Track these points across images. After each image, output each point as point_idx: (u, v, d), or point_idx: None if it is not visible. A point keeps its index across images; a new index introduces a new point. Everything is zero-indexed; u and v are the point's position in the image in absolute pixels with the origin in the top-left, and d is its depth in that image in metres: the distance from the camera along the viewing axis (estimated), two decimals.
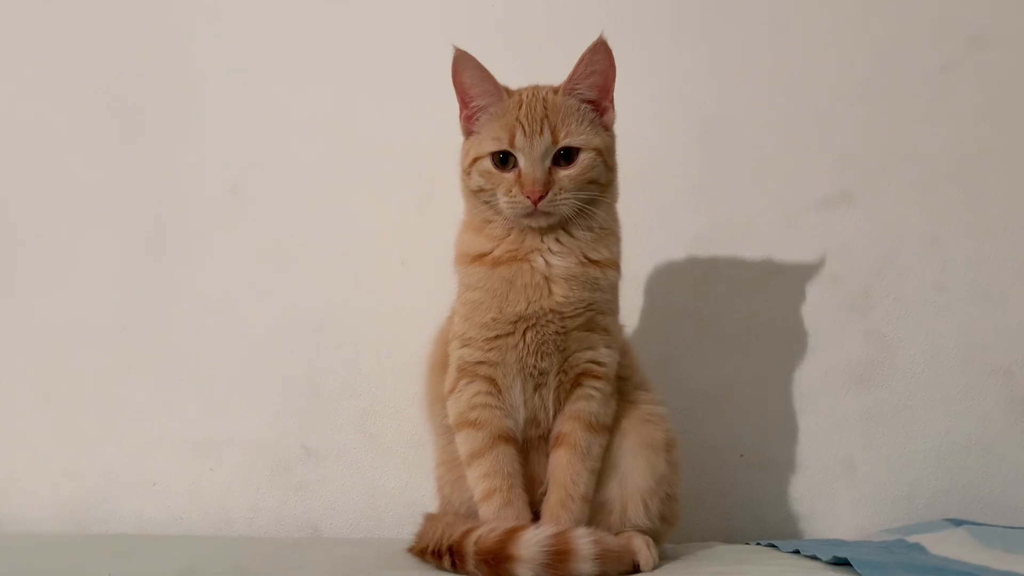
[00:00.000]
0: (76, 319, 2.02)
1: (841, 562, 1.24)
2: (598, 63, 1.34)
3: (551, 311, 1.31)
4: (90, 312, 2.02)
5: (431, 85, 1.93)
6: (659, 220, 1.93)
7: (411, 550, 1.39)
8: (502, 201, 1.31)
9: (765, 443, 1.87)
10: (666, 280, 1.92)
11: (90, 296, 2.02)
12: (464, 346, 1.36)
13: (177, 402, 1.98)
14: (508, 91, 1.37)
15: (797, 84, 1.93)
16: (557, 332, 1.33)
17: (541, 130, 1.30)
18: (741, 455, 1.87)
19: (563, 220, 1.33)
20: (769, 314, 1.90)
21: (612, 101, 1.38)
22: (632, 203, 1.84)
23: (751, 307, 1.90)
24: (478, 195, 1.36)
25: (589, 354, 1.36)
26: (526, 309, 1.31)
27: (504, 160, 1.32)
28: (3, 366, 2.02)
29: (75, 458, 1.99)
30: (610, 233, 1.38)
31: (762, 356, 1.89)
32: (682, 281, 1.92)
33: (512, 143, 1.31)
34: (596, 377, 1.36)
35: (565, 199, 1.30)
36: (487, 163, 1.33)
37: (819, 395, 1.87)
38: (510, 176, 1.31)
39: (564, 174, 1.31)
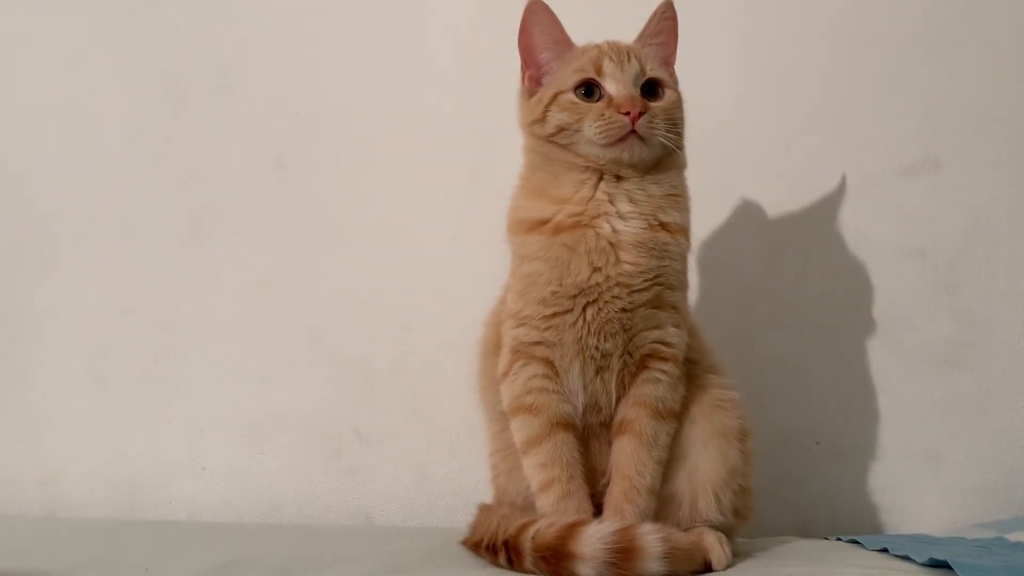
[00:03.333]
0: (124, 298, 1.96)
1: (938, 564, 1.12)
2: (667, 23, 1.28)
3: (617, 284, 1.21)
4: (138, 291, 1.96)
5: (481, 50, 1.86)
6: (727, 188, 1.81)
7: (465, 542, 1.31)
8: (592, 130, 1.20)
9: (843, 429, 1.74)
10: (735, 254, 1.80)
11: (138, 275, 1.97)
12: (519, 325, 1.26)
13: (226, 383, 1.92)
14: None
15: (879, 36, 1.78)
16: (623, 309, 1.22)
17: (629, 59, 1.23)
18: (817, 442, 1.75)
19: (648, 160, 1.23)
20: (847, 290, 1.76)
21: (674, 70, 1.31)
22: (698, 170, 1.73)
23: (827, 283, 1.77)
24: (556, 137, 1.24)
25: (656, 334, 1.25)
26: (589, 279, 1.20)
27: (588, 92, 1.23)
28: (53, 348, 1.98)
29: (125, 441, 1.94)
30: (680, 196, 1.28)
31: (839, 335, 1.76)
32: (752, 255, 1.80)
33: (600, 70, 1.22)
34: (663, 359, 1.25)
35: (658, 128, 1.21)
36: (570, 95, 1.23)
37: (902, 378, 1.73)
38: (599, 104, 1.22)
39: (655, 104, 1.23)
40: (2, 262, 2.01)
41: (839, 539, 1.45)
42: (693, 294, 1.75)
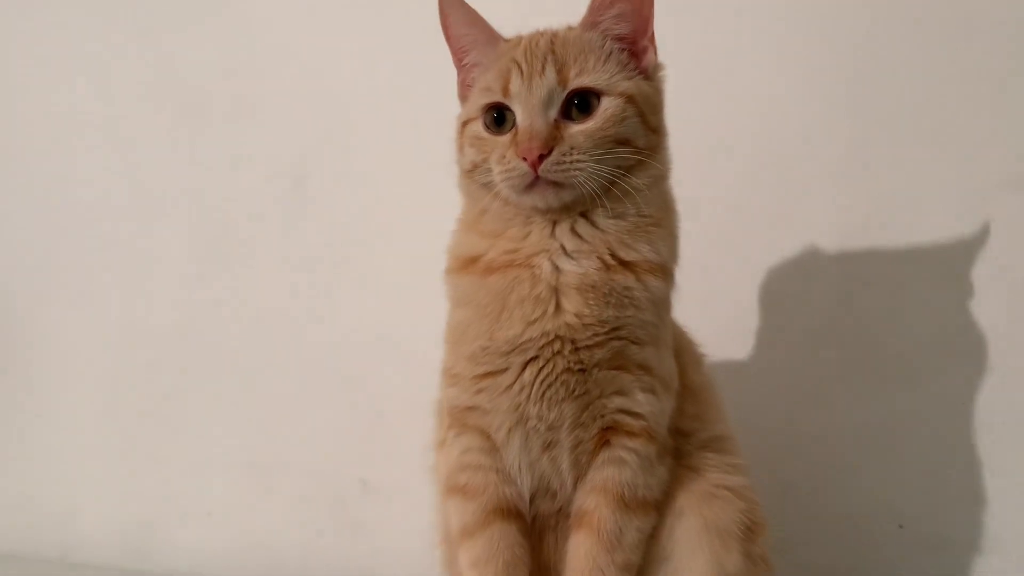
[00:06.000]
0: (142, 331, 1.89)
1: None
2: None
3: (559, 337, 0.93)
4: (155, 323, 1.88)
5: None
6: (791, 211, 1.47)
7: None
8: (497, 174, 0.95)
9: (935, 511, 1.37)
10: (799, 290, 1.46)
11: (157, 306, 1.88)
12: (452, 384, 1.02)
13: (235, 423, 1.80)
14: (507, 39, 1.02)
15: (982, 22, 1.38)
16: (568, 369, 0.94)
17: (543, 69, 0.93)
18: (900, 526, 1.38)
19: (583, 199, 0.94)
20: (947, 334, 1.38)
21: (652, 39, 0.99)
22: (758, 184, 1.49)
23: (918, 324, 1.40)
24: (472, 176, 1.00)
25: (618, 401, 0.96)
26: (521, 333, 0.94)
27: (499, 119, 0.96)
28: (71, 382, 1.93)
29: (136, 482, 1.86)
30: (655, 224, 0.97)
31: (936, 392, 1.38)
32: (823, 291, 1.45)
33: (506, 90, 0.95)
34: (630, 434, 0.96)
35: (580, 163, 0.91)
36: (478, 126, 0.98)
37: (1016, 446, 1.33)
38: (505, 138, 0.95)
39: (578, 129, 0.93)
40: (24, 297, 1.97)
41: None
42: (747, 332, 1.47)
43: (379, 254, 1.73)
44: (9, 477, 1.94)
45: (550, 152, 0.90)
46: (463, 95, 1.04)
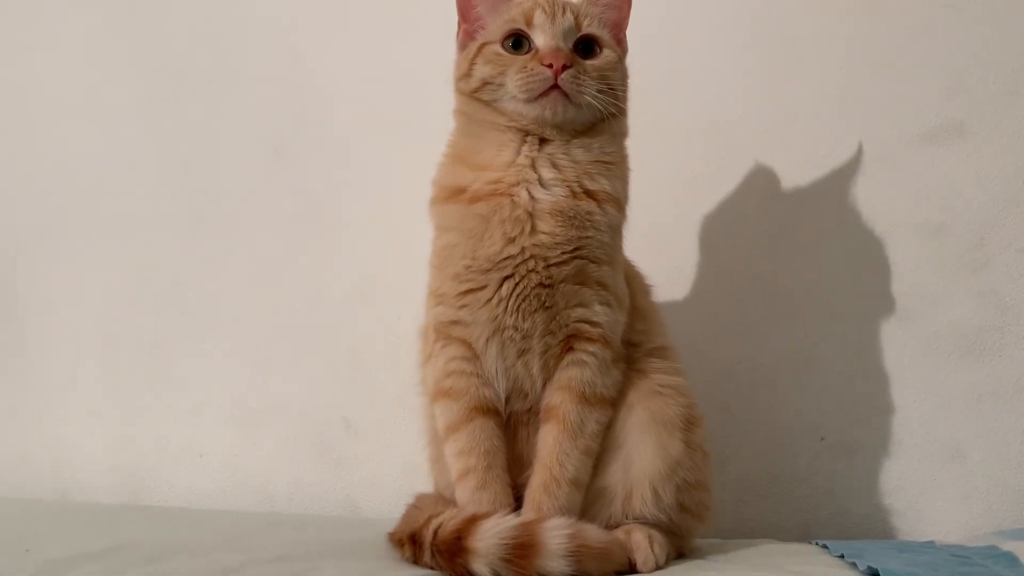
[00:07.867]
0: (133, 287, 2.02)
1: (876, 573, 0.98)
2: None
3: (532, 256, 1.11)
4: (146, 280, 2.01)
5: None
6: (724, 166, 1.67)
7: (391, 535, 1.24)
8: (513, 83, 1.13)
9: (852, 424, 1.58)
10: (734, 236, 1.66)
11: (146, 263, 2.01)
12: (438, 304, 1.19)
13: (224, 371, 1.95)
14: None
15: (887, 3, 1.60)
16: (540, 284, 1.12)
17: (564, 12, 1.16)
18: (822, 438, 1.59)
19: (574, 122, 1.14)
20: (859, 272, 1.59)
21: (625, 36, 1.22)
22: (695, 141, 1.68)
23: (837, 264, 1.61)
24: (480, 93, 1.17)
25: (580, 312, 1.14)
26: (501, 250, 1.11)
27: (516, 44, 1.16)
28: (66, 337, 2.06)
29: (130, 427, 1.99)
30: (614, 163, 1.17)
31: (849, 321, 1.59)
32: (753, 236, 1.66)
33: (530, 22, 1.15)
34: (590, 340, 1.15)
35: (587, 86, 1.12)
36: (496, 47, 1.16)
37: (919, 367, 1.55)
38: (524, 57, 1.14)
39: (588, 63, 1.15)
40: (22, 255, 2.09)
41: (817, 543, 1.31)
42: (687, 276, 1.66)
43: (354, 214, 1.88)
44: (10, 426, 2.06)
45: (571, 66, 1.10)
46: (464, 44, 1.22)
